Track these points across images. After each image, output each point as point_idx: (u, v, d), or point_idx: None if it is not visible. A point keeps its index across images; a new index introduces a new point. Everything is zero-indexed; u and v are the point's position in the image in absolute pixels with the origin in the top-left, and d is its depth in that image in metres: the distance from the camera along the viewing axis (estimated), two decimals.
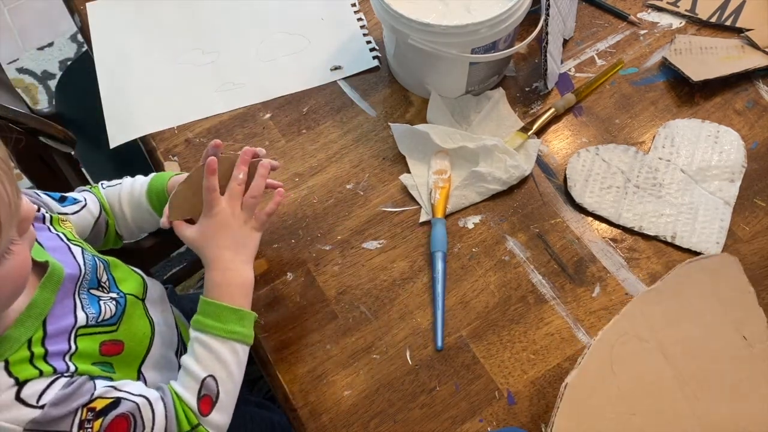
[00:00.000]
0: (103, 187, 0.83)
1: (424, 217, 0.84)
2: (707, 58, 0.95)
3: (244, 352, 0.69)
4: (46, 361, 0.60)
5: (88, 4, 1.04)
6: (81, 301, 0.66)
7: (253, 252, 0.73)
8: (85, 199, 0.79)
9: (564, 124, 0.92)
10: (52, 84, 1.92)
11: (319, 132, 0.92)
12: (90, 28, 1.02)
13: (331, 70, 0.97)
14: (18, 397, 0.57)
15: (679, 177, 0.86)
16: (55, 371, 0.60)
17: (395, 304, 0.79)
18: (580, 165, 0.87)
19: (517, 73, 0.97)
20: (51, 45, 1.99)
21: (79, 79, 1.23)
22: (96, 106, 0.91)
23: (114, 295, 0.71)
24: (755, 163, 0.87)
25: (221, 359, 0.66)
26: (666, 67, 0.95)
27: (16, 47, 2.00)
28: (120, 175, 0.84)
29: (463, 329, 0.77)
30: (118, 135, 0.92)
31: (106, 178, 0.85)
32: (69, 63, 1.90)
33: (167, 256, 1.46)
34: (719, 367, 0.71)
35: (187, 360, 0.67)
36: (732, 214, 0.83)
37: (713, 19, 0.99)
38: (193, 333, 0.68)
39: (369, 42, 0.99)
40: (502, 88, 0.94)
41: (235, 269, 0.70)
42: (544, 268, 0.81)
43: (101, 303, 0.68)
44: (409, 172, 0.87)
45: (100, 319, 0.67)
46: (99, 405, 0.60)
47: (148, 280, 0.79)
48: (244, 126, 0.93)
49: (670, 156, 0.88)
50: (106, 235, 0.83)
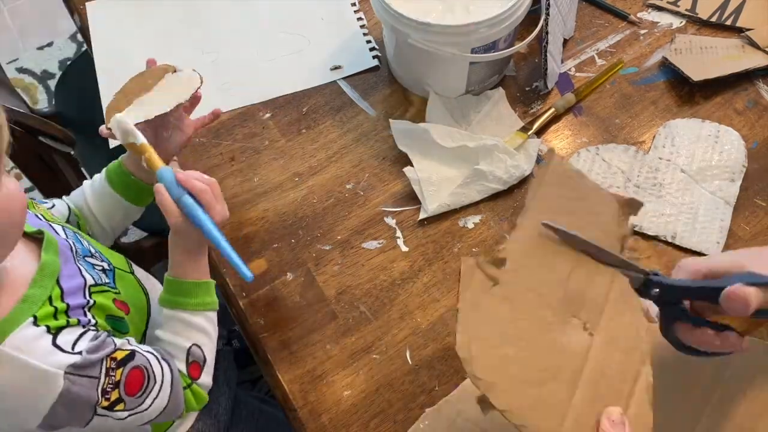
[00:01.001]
0: (67, 197, 0.84)
1: (422, 215, 0.84)
2: (707, 58, 0.95)
3: (214, 316, 0.75)
4: (69, 315, 0.64)
5: (87, 4, 1.04)
6: (82, 267, 0.69)
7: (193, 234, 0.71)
8: (53, 203, 0.81)
9: (564, 124, 0.92)
10: (52, 84, 1.92)
11: (318, 132, 0.92)
12: (89, 28, 1.02)
13: (330, 69, 0.97)
14: (54, 343, 0.61)
15: (679, 177, 0.86)
16: (80, 323, 0.64)
17: (395, 304, 0.79)
18: (581, 165, 0.87)
19: (517, 72, 0.97)
20: (50, 45, 2.00)
21: (78, 78, 1.23)
22: (96, 106, 0.91)
23: (105, 265, 0.74)
24: (755, 163, 0.87)
25: (200, 328, 0.72)
26: (666, 66, 0.95)
27: (16, 47, 2.00)
28: None
29: None
30: None
31: None
32: (68, 63, 1.90)
33: (167, 256, 1.45)
34: None
35: (166, 335, 0.72)
36: (732, 214, 0.83)
37: (713, 19, 0.99)
38: (168, 311, 0.72)
39: (369, 42, 0.99)
40: (502, 87, 0.94)
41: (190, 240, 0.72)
42: None
43: (97, 270, 0.72)
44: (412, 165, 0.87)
45: (101, 282, 0.70)
46: (119, 355, 0.65)
47: (132, 264, 0.82)
48: (244, 125, 0.93)
49: (670, 156, 0.88)
50: None
